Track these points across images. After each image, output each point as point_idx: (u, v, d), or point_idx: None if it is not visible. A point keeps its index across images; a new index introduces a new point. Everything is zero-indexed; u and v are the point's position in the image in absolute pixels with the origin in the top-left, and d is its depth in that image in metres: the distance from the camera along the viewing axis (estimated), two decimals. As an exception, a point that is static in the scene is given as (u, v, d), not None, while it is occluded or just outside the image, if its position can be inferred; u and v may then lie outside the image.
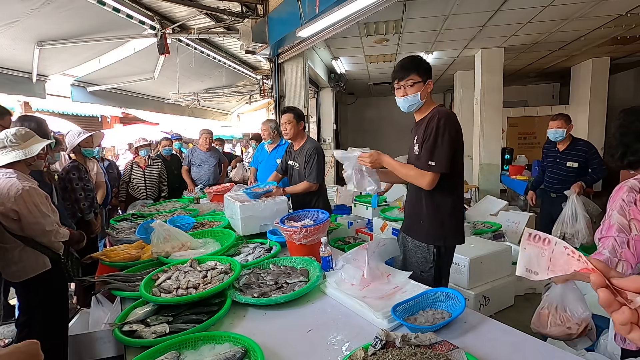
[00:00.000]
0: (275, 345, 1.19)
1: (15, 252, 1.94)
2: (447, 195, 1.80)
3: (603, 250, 1.25)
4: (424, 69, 1.81)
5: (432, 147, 1.71)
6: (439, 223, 1.81)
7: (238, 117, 12.12)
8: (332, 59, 7.39)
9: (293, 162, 2.97)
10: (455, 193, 1.83)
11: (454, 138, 1.72)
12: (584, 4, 4.76)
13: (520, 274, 0.62)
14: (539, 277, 0.61)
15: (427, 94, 1.83)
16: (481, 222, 4.43)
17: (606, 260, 1.22)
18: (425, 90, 1.81)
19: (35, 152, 2.03)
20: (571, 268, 0.57)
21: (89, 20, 3.97)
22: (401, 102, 1.86)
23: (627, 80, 9.10)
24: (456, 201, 1.85)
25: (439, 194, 1.79)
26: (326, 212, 2.10)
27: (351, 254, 1.61)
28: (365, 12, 3.58)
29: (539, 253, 0.61)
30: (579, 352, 2.10)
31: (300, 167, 2.86)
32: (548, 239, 0.61)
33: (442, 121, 1.71)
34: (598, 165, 3.29)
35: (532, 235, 0.63)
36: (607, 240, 1.25)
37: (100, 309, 2.52)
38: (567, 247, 0.59)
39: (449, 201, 1.81)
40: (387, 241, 1.70)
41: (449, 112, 1.79)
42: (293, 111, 2.92)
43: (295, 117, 2.89)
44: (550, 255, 0.60)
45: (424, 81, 1.80)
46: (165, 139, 5.33)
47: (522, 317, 2.94)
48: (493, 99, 7.14)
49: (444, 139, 1.69)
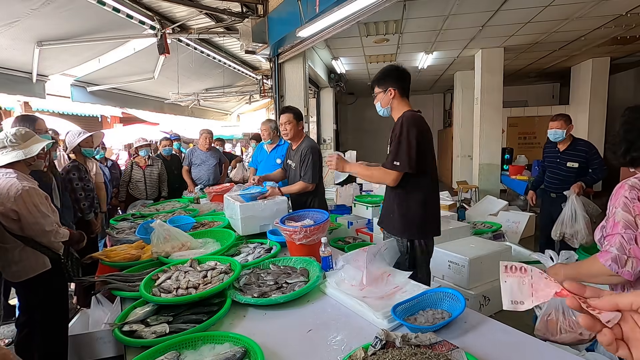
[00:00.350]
0: (275, 345, 1.19)
1: (16, 252, 1.94)
2: (416, 192, 1.93)
3: (610, 248, 1.22)
4: (383, 80, 2.02)
5: (396, 149, 1.87)
6: (409, 218, 1.94)
7: (238, 117, 12.12)
8: (332, 59, 7.39)
9: (291, 161, 2.98)
10: (424, 189, 1.95)
11: (416, 139, 1.85)
12: (584, 4, 4.76)
13: (507, 307, 0.62)
14: (525, 306, 0.61)
15: (391, 100, 2.01)
16: (481, 222, 4.44)
17: (614, 259, 1.19)
18: (387, 98, 2.01)
19: (35, 152, 2.03)
20: (552, 291, 0.57)
21: (89, 20, 3.97)
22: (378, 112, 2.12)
23: (627, 80, 9.10)
24: (427, 196, 1.96)
25: (408, 191, 1.93)
26: (326, 212, 2.10)
27: (351, 255, 1.61)
28: (365, 12, 3.58)
29: (519, 282, 0.62)
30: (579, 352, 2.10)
31: (297, 166, 2.85)
32: (523, 267, 0.62)
33: (404, 124, 1.87)
34: (598, 165, 3.29)
35: (508, 267, 0.63)
36: (613, 238, 1.23)
37: (100, 309, 2.52)
38: (542, 272, 0.60)
39: (418, 197, 1.93)
40: (388, 244, 1.69)
41: (413, 114, 1.92)
42: (292, 111, 2.91)
43: (295, 117, 2.88)
44: (531, 282, 0.61)
45: (384, 90, 2.01)
46: (166, 139, 5.33)
47: (522, 317, 2.94)
48: (493, 99, 7.14)
49: (406, 140, 1.84)
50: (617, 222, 1.23)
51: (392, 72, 2.02)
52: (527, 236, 4.99)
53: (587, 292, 0.51)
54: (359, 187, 7.16)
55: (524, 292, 0.61)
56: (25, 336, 2.07)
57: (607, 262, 1.20)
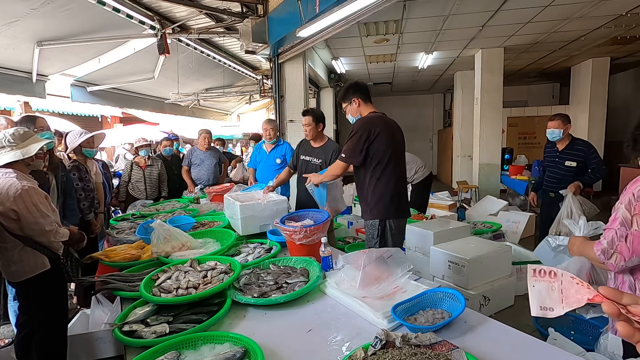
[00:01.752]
0: (275, 345, 1.19)
1: (15, 251, 1.93)
2: (377, 180, 2.23)
3: (602, 241, 1.33)
4: (346, 95, 2.37)
5: (345, 144, 2.25)
6: (373, 204, 2.25)
7: (238, 117, 12.12)
8: (332, 59, 7.39)
9: (310, 157, 3.10)
10: (384, 178, 2.23)
11: (365, 135, 2.17)
12: (584, 4, 4.76)
13: (536, 314, 0.59)
14: (555, 312, 0.58)
15: (357, 109, 2.34)
16: (481, 222, 4.44)
17: (604, 250, 1.30)
18: (354, 107, 2.35)
19: (32, 152, 2.02)
20: (584, 297, 0.55)
21: (89, 20, 3.97)
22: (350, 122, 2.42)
23: (627, 80, 9.10)
24: (388, 184, 2.24)
25: (368, 180, 2.25)
26: (326, 212, 2.11)
27: (352, 255, 1.61)
28: (365, 12, 3.58)
29: (548, 287, 0.59)
30: (579, 352, 2.11)
31: (323, 163, 3.03)
32: (553, 271, 0.59)
33: (356, 124, 2.26)
34: (597, 165, 3.29)
35: (537, 271, 0.60)
36: (609, 232, 1.32)
37: (100, 309, 2.52)
38: (573, 277, 0.57)
39: (380, 184, 2.23)
40: (392, 252, 1.62)
41: (369, 116, 2.28)
42: (312, 114, 3.05)
43: (314, 120, 3.03)
44: (561, 287, 0.58)
45: (349, 102, 2.35)
46: (166, 139, 5.33)
47: (522, 317, 2.93)
48: (493, 99, 7.14)
49: (353, 137, 2.20)
50: (616, 217, 1.31)
51: (350, 87, 2.38)
52: (527, 236, 4.98)
53: (625, 299, 0.50)
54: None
55: (553, 297, 0.58)
56: (25, 336, 2.07)
57: (597, 252, 1.33)
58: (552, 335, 2.35)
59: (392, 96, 13.11)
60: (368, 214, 2.29)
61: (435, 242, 3.08)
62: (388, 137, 2.23)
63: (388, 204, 2.24)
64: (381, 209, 2.24)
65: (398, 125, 2.42)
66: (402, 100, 12.94)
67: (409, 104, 12.92)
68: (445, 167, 11.23)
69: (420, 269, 3.13)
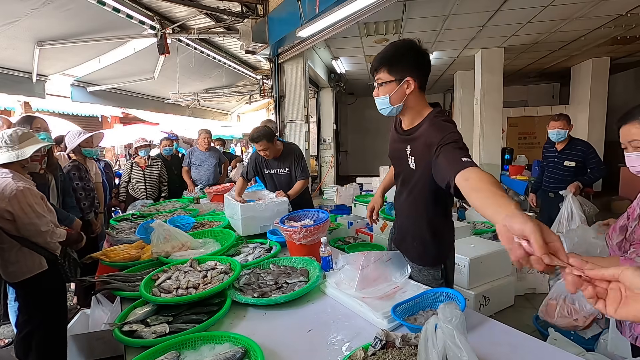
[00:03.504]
0: (275, 345, 1.19)
1: (12, 252, 1.93)
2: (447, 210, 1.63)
3: (637, 258, 1.15)
4: (398, 63, 1.40)
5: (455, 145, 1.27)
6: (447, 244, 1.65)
7: (238, 118, 12.13)
8: (332, 59, 7.39)
9: (275, 170, 3.00)
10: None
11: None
12: (584, 4, 4.76)
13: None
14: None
15: (407, 94, 1.42)
16: (481, 222, 4.43)
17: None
18: (401, 91, 1.41)
19: (26, 155, 2.02)
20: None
21: (89, 20, 3.97)
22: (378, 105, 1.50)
23: (627, 80, 9.10)
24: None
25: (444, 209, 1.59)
26: (326, 212, 2.10)
27: (352, 256, 1.61)
28: (365, 12, 3.59)
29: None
30: (579, 352, 2.11)
31: (291, 170, 2.94)
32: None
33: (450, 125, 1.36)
34: (596, 164, 3.29)
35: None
36: None
37: (100, 309, 2.52)
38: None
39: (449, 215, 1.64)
40: (391, 255, 1.59)
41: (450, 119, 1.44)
42: (263, 137, 2.77)
43: (268, 141, 2.79)
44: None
45: (398, 80, 1.40)
46: (166, 139, 5.33)
47: (522, 317, 2.94)
48: (493, 99, 7.14)
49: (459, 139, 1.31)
50: None
51: (410, 54, 1.41)
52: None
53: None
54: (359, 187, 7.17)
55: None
56: (25, 336, 2.07)
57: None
58: (552, 335, 2.35)
59: (392, 96, 13.09)
60: (432, 258, 1.59)
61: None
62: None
63: (451, 242, 1.65)
64: (448, 250, 1.64)
65: None
66: (402, 100, 12.93)
67: (409, 104, 12.90)
68: (445, 167, 11.21)
69: (420, 269, 3.13)
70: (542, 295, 3.36)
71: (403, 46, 1.42)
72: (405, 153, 1.51)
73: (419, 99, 1.46)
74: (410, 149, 1.49)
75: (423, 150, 1.40)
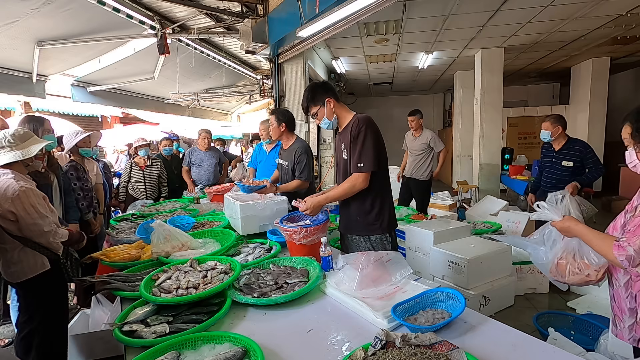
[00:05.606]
0: (275, 345, 1.19)
1: (15, 252, 1.93)
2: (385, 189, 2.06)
3: (628, 247, 1.21)
4: (316, 96, 2.06)
5: (359, 151, 1.92)
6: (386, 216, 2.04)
7: (238, 118, 12.12)
8: (332, 59, 7.39)
9: (282, 160, 3.04)
10: (387, 186, 2.09)
11: (378, 137, 1.96)
12: (584, 4, 4.76)
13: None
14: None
15: (332, 109, 2.06)
16: (481, 222, 4.43)
17: (629, 257, 1.20)
18: (329, 109, 2.06)
19: (33, 153, 2.02)
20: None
21: (89, 20, 3.97)
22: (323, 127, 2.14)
23: (627, 80, 9.10)
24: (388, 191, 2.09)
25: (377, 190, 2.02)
26: (326, 212, 2.10)
27: (352, 256, 1.61)
28: (365, 12, 3.59)
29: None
30: (579, 352, 2.11)
31: (289, 165, 2.92)
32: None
33: (362, 126, 1.93)
34: (594, 164, 3.30)
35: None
36: (635, 238, 1.22)
37: (100, 309, 2.52)
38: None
39: (387, 194, 2.07)
40: (392, 256, 1.61)
41: (366, 116, 2.01)
42: (278, 113, 3.00)
43: (276, 119, 2.95)
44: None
45: (323, 104, 2.06)
46: (166, 138, 5.33)
47: (522, 317, 2.94)
48: (493, 99, 7.14)
49: (369, 140, 1.92)
50: None
51: (318, 87, 2.09)
52: (528, 236, 4.98)
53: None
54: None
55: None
56: (26, 336, 2.07)
57: (620, 257, 1.22)
58: (552, 335, 2.35)
59: (392, 96, 13.12)
60: (378, 228, 2.03)
61: (436, 242, 3.08)
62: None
63: (393, 214, 2.10)
64: (390, 221, 2.07)
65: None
66: (402, 100, 12.95)
67: (409, 104, 12.88)
68: (446, 167, 11.22)
69: (420, 269, 3.13)
70: (542, 295, 3.36)
71: (310, 87, 2.12)
72: (341, 148, 2.06)
73: (340, 108, 2.10)
74: (343, 143, 2.04)
75: (349, 140, 1.97)
